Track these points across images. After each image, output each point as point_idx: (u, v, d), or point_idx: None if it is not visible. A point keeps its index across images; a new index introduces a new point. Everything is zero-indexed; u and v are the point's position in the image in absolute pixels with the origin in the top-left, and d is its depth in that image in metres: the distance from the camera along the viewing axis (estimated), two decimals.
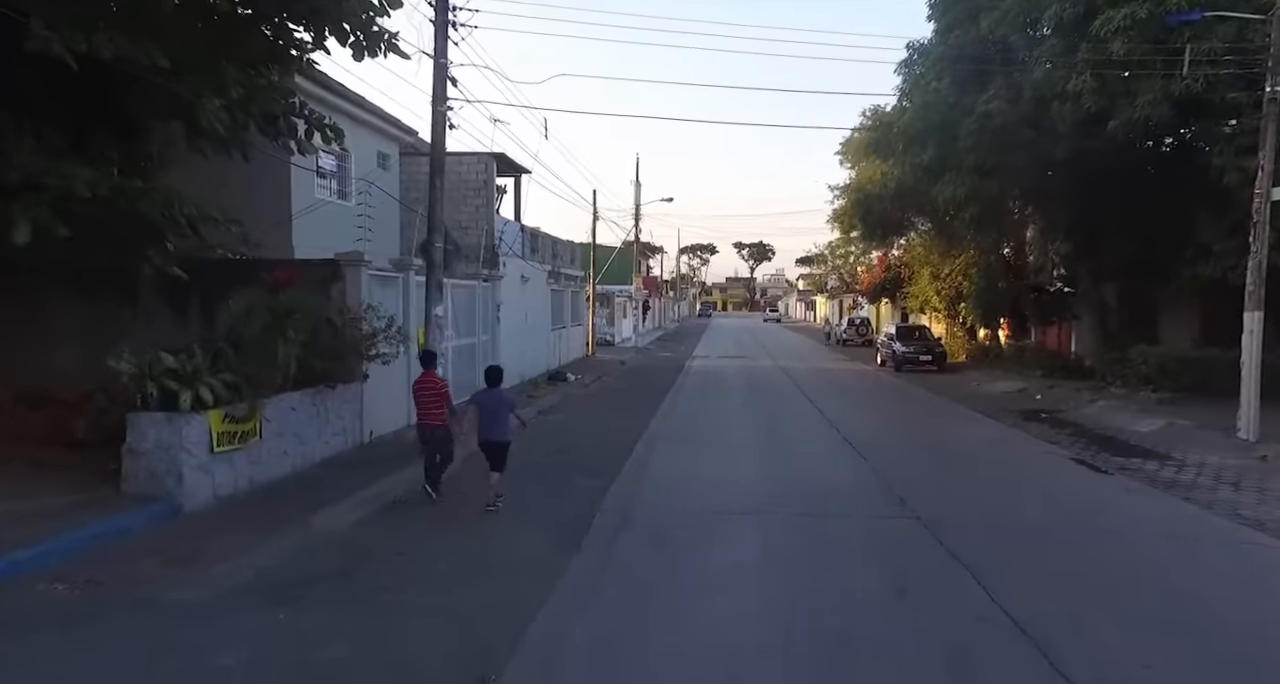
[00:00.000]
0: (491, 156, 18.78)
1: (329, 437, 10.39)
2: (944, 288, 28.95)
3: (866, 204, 22.56)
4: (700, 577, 6.47)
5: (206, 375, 7.77)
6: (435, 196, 11.28)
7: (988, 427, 14.91)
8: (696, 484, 9.90)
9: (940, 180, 17.42)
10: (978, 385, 21.81)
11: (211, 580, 6.00)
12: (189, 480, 7.62)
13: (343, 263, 11.14)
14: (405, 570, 6.52)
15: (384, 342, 10.92)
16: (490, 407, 8.53)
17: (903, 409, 18.02)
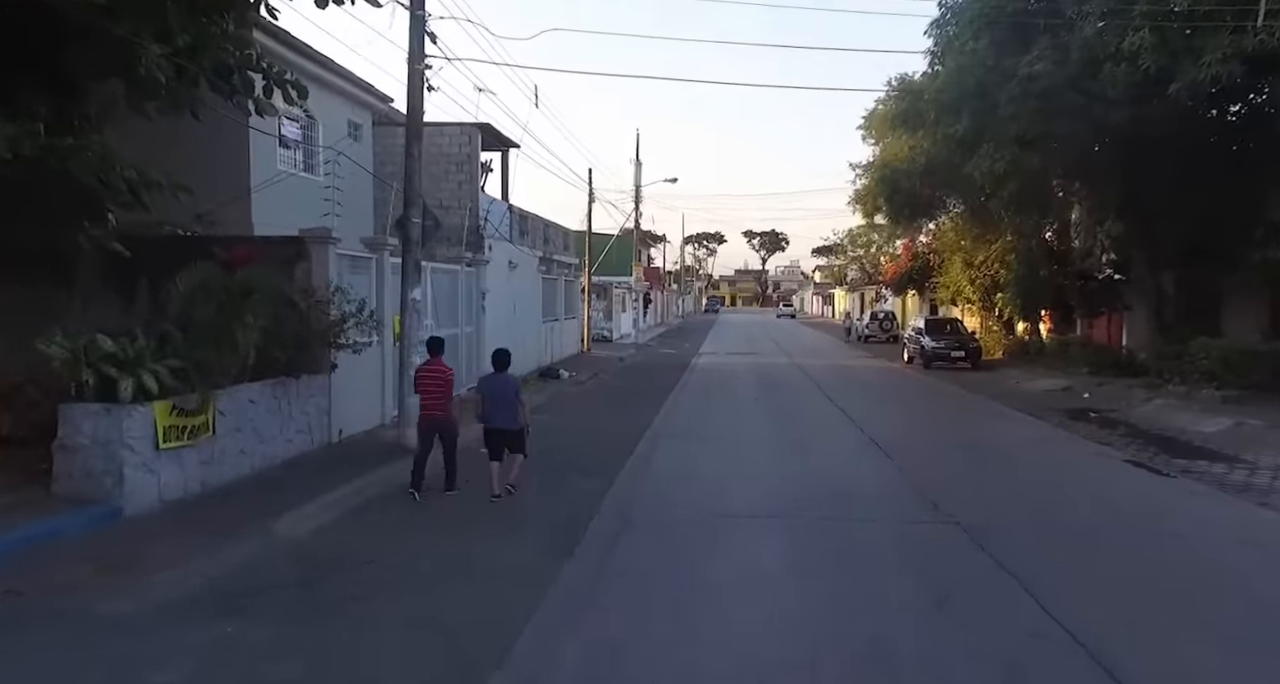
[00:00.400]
0: (476, 127, 18.55)
1: (292, 434, 10.15)
2: (978, 277, 28.66)
3: (893, 182, 22.27)
4: (711, 586, 6.23)
5: (151, 362, 7.53)
6: (413, 166, 11.04)
7: (1029, 426, 14.68)
8: (704, 485, 9.68)
9: (976, 154, 17.14)
10: (1016, 383, 21.56)
11: (151, 590, 5.76)
12: (131, 480, 7.38)
13: (308, 240, 10.91)
14: (376, 579, 6.28)
15: (355, 328, 10.68)
16: (496, 393, 8.80)
17: (933, 408, 17.80)
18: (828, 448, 12.49)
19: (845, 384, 21.56)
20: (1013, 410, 16.60)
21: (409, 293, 11.06)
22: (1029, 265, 23.50)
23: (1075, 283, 22.94)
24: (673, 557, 6.96)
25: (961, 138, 17.40)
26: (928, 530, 7.83)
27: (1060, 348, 23.67)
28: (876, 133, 30.75)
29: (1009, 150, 16.33)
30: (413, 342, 11.13)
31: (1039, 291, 23.57)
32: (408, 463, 10.34)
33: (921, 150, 21.72)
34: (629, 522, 8.01)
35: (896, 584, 6.30)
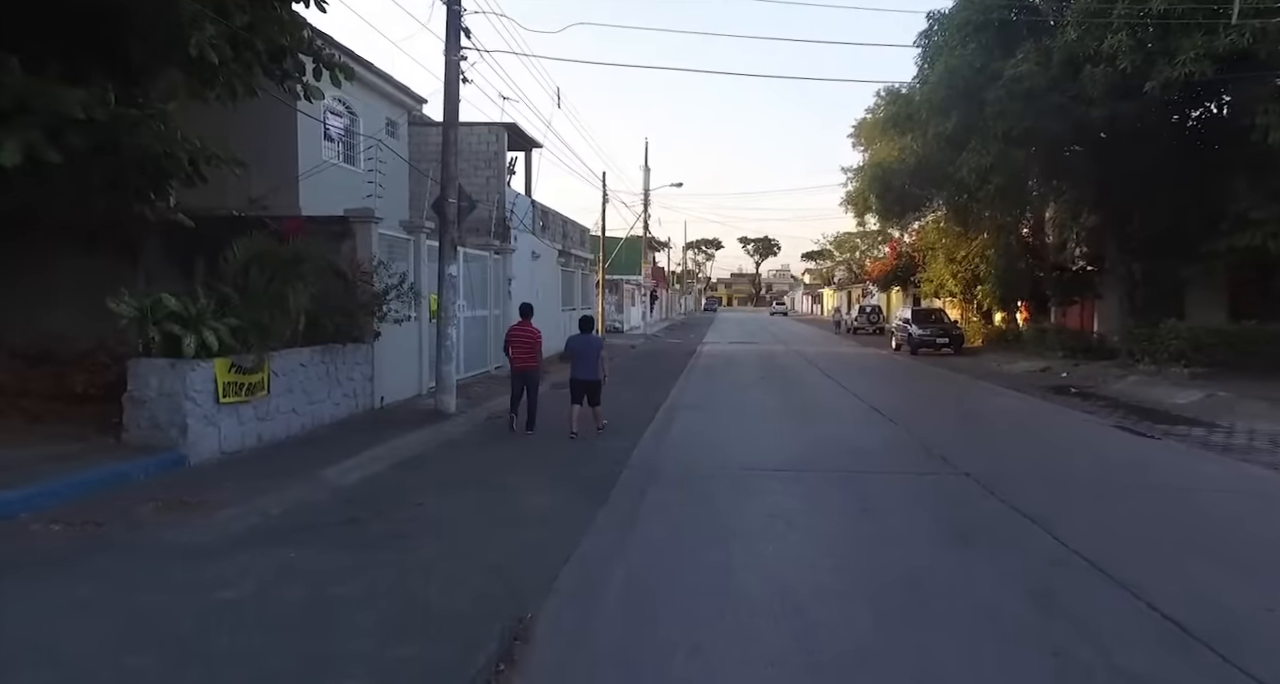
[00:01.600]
0: (503, 127, 18.31)
1: (339, 398, 9.92)
2: (959, 271, 28.34)
3: (885, 180, 21.98)
4: (739, 524, 6.00)
5: (211, 320, 7.30)
6: (449, 150, 10.80)
7: (1017, 399, 14.40)
8: (724, 444, 9.43)
9: (964, 150, 16.84)
10: (998, 365, 21.26)
11: (215, 525, 5.53)
12: (194, 431, 7.15)
13: (352, 219, 10.67)
14: (424, 519, 6.06)
15: (397, 300, 10.45)
16: (582, 349, 9.76)
17: (926, 385, 17.51)
18: (835, 416, 12.24)
19: (842, 366, 21.30)
20: (999, 387, 16.33)
21: (445, 268, 10.82)
22: (1008, 259, 23.18)
23: (1051, 274, 22.63)
24: (702, 502, 6.73)
25: (950, 136, 17.09)
26: (940, 480, 7.57)
27: (1037, 335, 23.36)
28: (866, 140, 30.50)
29: (995, 146, 16.02)
30: (450, 315, 10.90)
31: (1017, 283, 23.27)
32: (446, 425, 10.20)
33: (911, 151, 21.39)
34: (656, 474, 7.78)
35: (918, 523, 6.06)
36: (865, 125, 30.21)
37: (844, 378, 17.89)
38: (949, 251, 28.80)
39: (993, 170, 16.23)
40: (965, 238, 27.60)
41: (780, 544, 5.53)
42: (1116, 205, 17.54)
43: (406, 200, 16.50)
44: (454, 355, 11.03)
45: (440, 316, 10.93)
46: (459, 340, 14.22)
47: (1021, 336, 24.92)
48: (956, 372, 19.80)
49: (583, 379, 9.63)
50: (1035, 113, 15.00)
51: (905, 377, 19.53)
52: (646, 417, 11.67)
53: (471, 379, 14.80)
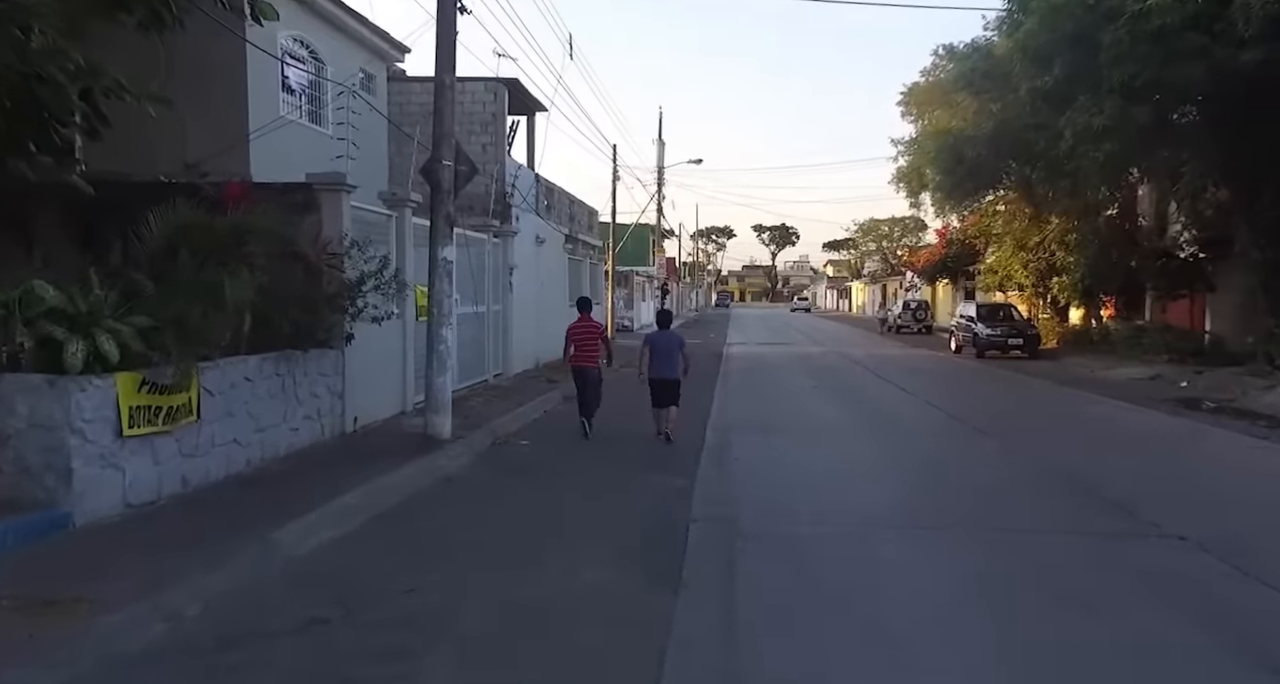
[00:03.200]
0: (503, 84, 16.60)
1: (298, 421, 8.24)
2: (1031, 260, 26.69)
3: (957, 150, 20.26)
4: (896, 630, 4.32)
5: (111, 320, 5.61)
6: (444, 99, 9.12)
7: (1146, 416, 12.72)
8: (806, 480, 7.81)
9: (1071, 107, 15.11)
10: (1091, 372, 19.62)
11: (86, 644, 3.85)
12: (82, 478, 5.47)
13: (317, 187, 8.99)
14: (420, 617, 4.39)
15: (375, 291, 8.77)
16: (663, 347, 9.76)
17: (1015, 395, 15.82)
18: (928, 437, 10.58)
19: (900, 371, 19.65)
20: (1109, 398, 14.65)
21: (439, 251, 9.14)
22: (1101, 244, 21.51)
23: (1154, 262, 20.93)
24: (820, 589, 5.06)
25: (1050, 91, 15.38)
26: (1151, 549, 5.88)
27: (1132, 334, 21.69)
28: (918, 107, 28.81)
29: (1110, 103, 14.32)
30: (444, 312, 9.22)
31: (1109, 273, 21.59)
32: (440, 457, 8.55)
33: (989, 115, 19.72)
34: (736, 530, 6.11)
35: (1206, 655, 4.37)
36: (918, 91, 28.50)
37: (914, 386, 16.25)
38: (1018, 238, 27.15)
39: (1104, 133, 14.53)
40: (1038, 222, 25.97)
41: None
42: (1250, 178, 15.84)
43: (385, 171, 14.80)
44: (449, 364, 9.34)
45: (432, 314, 9.25)
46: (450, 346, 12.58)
47: (1109, 337, 23.26)
48: (1043, 379, 18.17)
49: (664, 378, 9.63)
50: (1165, 57, 13.30)
51: (984, 384, 17.87)
52: (694, 439, 10.03)
53: (466, 391, 13.13)
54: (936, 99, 26.55)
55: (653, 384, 9.74)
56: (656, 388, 9.71)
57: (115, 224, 7.78)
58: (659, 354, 9.74)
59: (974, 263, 35.64)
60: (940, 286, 43.47)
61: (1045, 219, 25.53)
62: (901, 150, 27.94)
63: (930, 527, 6.41)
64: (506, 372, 15.71)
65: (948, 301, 42.60)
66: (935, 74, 26.77)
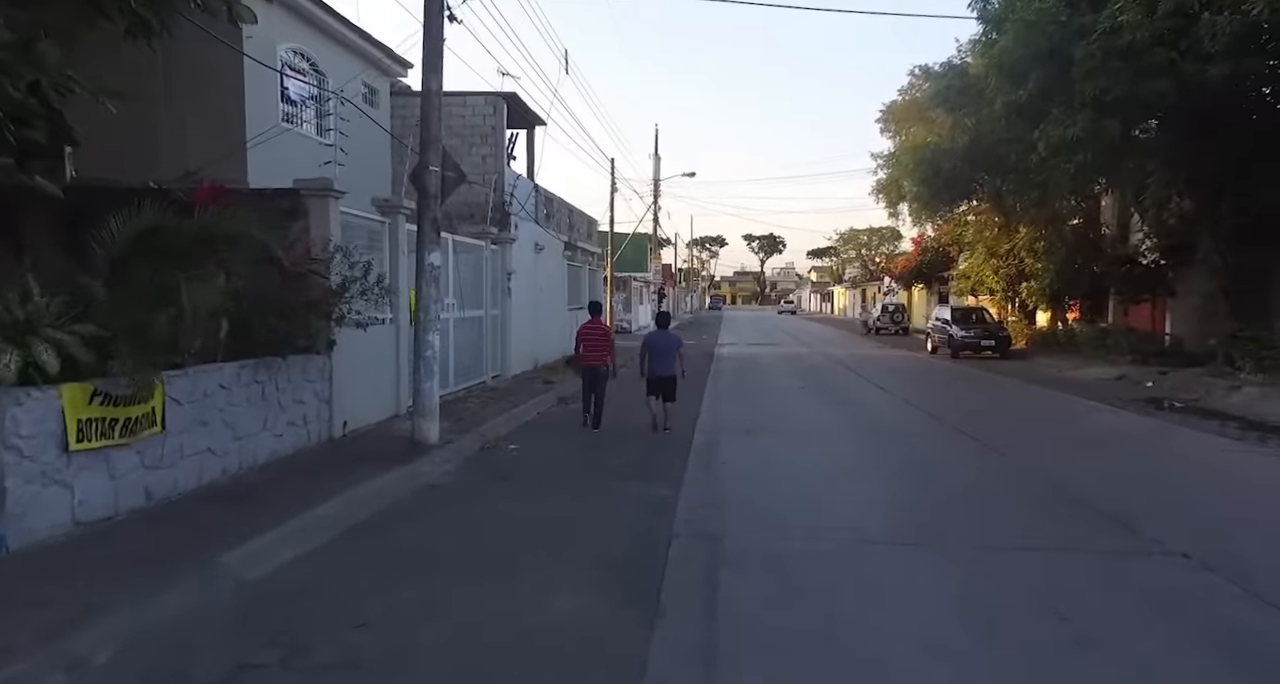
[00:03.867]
0: (501, 97, 15.78)
1: (281, 428, 7.42)
2: (1002, 266, 25.85)
3: (934, 163, 19.42)
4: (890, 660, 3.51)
5: (53, 328, 4.80)
6: (430, 104, 8.29)
7: (1119, 416, 11.88)
8: (796, 489, 6.94)
9: (1044, 121, 14.28)
10: (1059, 372, 18.78)
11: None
12: (19, 497, 4.65)
13: (304, 192, 8.17)
14: (365, 660, 3.57)
15: (361, 297, 7.95)
16: (662, 346, 9.79)
17: (992, 395, 14.97)
18: (916, 440, 9.74)
19: (883, 371, 18.80)
20: (1082, 398, 13.82)
21: (425, 256, 8.31)
22: (1068, 252, 20.67)
23: (1119, 268, 20.09)
24: (807, 614, 4.24)
25: (1025, 105, 14.54)
26: (1155, 568, 5.05)
27: (1097, 337, 20.84)
28: (896, 123, 28.04)
29: (1083, 116, 13.47)
30: (431, 317, 8.39)
31: (1075, 279, 20.75)
32: (425, 463, 7.73)
33: (965, 129, 18.89)
34: (721, 547, 5.29)
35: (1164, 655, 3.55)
36: (896, 108, 27.76)
37: (895, 386, 15.44)
38: (990, 246, 26.32)
39: (1076, 145, 13.69)
40: (1007, 231, 25.16)
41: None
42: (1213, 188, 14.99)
43: (388, 182, 14.00)
44: (436, 369, 8.52)
45: (419, 319, 8.42)
46: (447, 347, 11.77)
47: (1075, 339, 22.41)
48: (1015, 378, 17.34)
49: (661, 375, 9.70)
50: (1135, 73, 12.47)
51: (961, 384, 17.03)
52: (681, 441, 9.23)
53: (463, 393, 12.32)
54: (913, 116, 25.79)
55: (650, 381, 9.81)
56: (654, 384, 9.79)
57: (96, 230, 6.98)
58: (658, 353, 9.78)
59: (947, 269, 34.82)
60: (916, 291, 42.62)
61: (1014, 228, 24.72)
62: (881, 164, 27.21)
63: (923, 543, 5.58)
64: (505, 373, 14.89)
65: (923, 305, 41.77)
66: (912, 93, 26.02)
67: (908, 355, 24.94)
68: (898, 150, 26.04)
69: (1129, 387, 15.59)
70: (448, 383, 11.90)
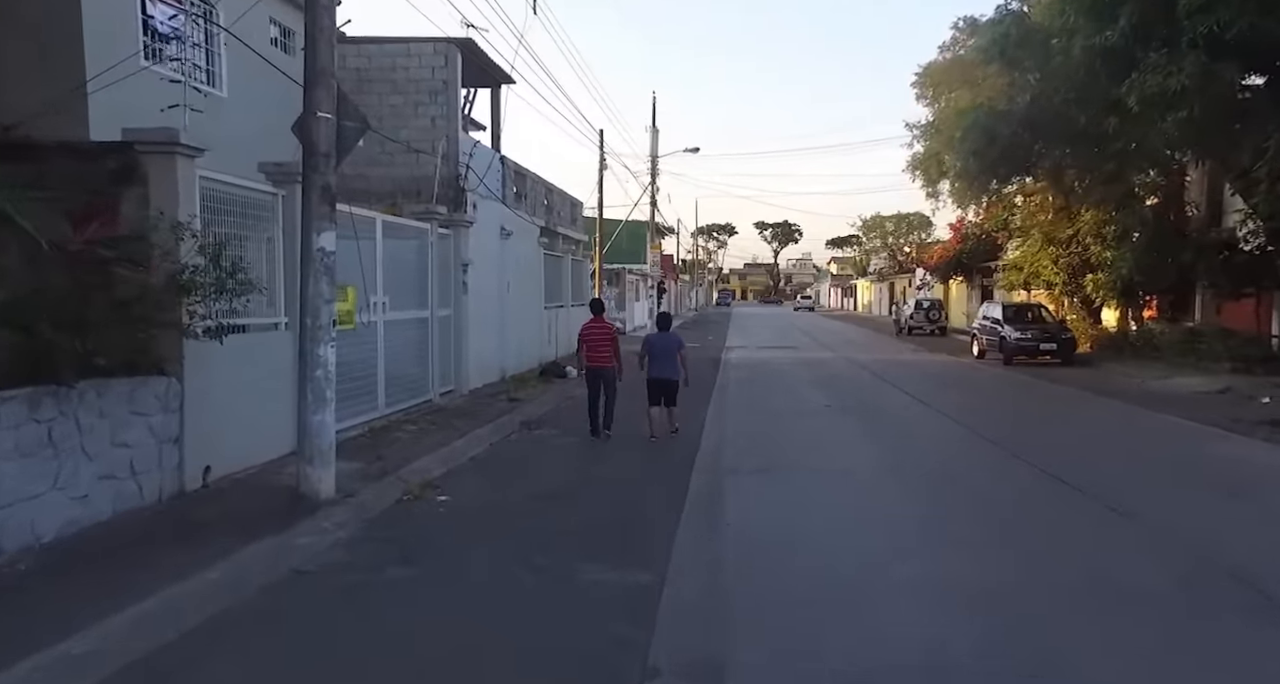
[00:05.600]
0: (455, 44, 13.96)
1: (86, 484, 5.62)
2: (1062, 255, 24.05)
3: (988, 129, 17.54)
4: None
5: None
6: (320, 22, 6.49)
7: (1249, 447, 10.08)
8: (836, 579, 5.12)
9: (1140, 68, 12.42)
10: (1142, 383, 16.97)
11: None
12: None
13: (140, 147, 6.38)
14: None
15: (215, 292, 6.15)
16: (662, 349, 10.03)
17: (1081, 420, 13.01)
18: (994, 493, 7.91)
19: (927, 384, 16.99)
20: (1187, 421, 11.99)
21: (313, 237, 6.52)
22: (1149, 237, 18.87)
23: (1215, 255, 18.27)
24: None
25: (1111, 48, 12.67)
26: None
27: (1184, 339, 19.02)
28: (934, 88, 26.25)
29: (1190, 60, 11.64)
30: (321, 322, 6.60)
31: (1161, 269, 18.94)
32: (304, 532, 5.96)
33: (1026, 86, 17.09)
34: None
35: None
36: (935, 70, 25.97)
37: (946, 405, 13.65)
38: (1047, 231, 24.52)
39: (1180, 97, 11.84)
40: (1067, 213, 23.36)
41: None
42: None
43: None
44: (330, 395, 6.71)
45: (304, 326, 6.62)
46: (374, 358, 9.99)
47: (1154, 341, 20.60)
48: (1089, 392, 15.57)
49: (662, 379, 9.92)
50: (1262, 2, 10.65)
51: (1029, 402, 15.23)
52: (673, 489, 7.44)
53: (399, 416, 10.56)
54: (956, 78, 24.00)
55: (650, 384, 9.98)
56: (654, 387, 9.96)
57: None
58: (658, 356, 10.00)
59: (992, 259, 33.03)
60: (954, 285, 40.82)
61: (1075, 211, 22.93)
62: (918, 135, 25.43)
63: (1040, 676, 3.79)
64: (460, 388, 13.13)
65: (962, 301, 40.02)
66: (955, 49, 24.22)
67: (951, 361, 23.16)
68: (938, 118, 24.23)
69: (1239, 403, 13.76)
70: (376, 405, 10.17)
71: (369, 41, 14.10)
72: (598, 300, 11.87)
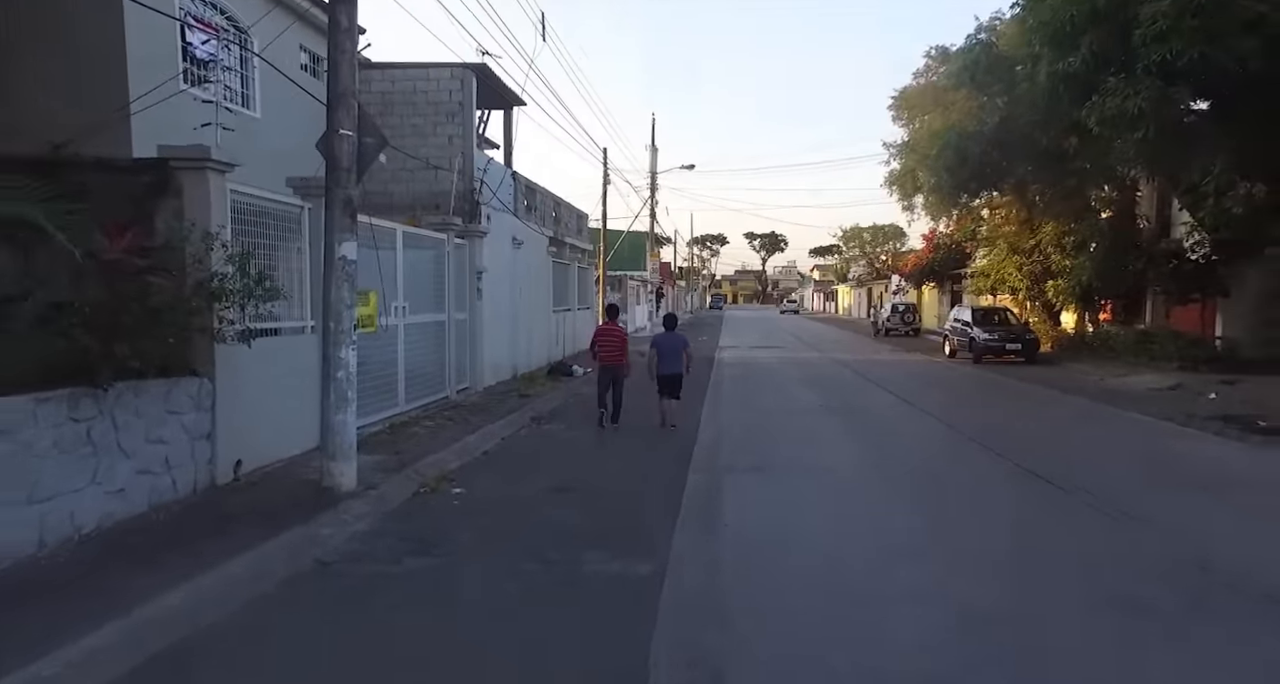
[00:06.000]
0: (470, 69, 13.76)
1: (128, 477, 5.44)
2: (1025, 263, 23.85)
3: (960, 148, 17.36)
4: None
5: None
6: (342, 42, 6.30)
7: (1203, 442, 9.89)
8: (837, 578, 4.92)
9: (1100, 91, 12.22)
10: (1101, 380, 16.77)
11: None
12: None
13: (175, 163, 6.18)
14: None
15: (244, 298, 5.96)
16: (667, 347, 10.31)
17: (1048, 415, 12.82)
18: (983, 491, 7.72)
19: (907, 382, 16.80)
20: (1145, 416, 11.82)
21: (335, 246, 6.33)
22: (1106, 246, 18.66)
23: (1165, 264, 18.06)
24: None
25: (1073, 74, 12.47)
26: None
27: (1138, 340, 18.83)
28: (909, 111, 26.00)
29: (1147, 85, 11.45)
30: (343, 327, 6.41)
31: (1117, 276, 18.73)
32: (328, 523, 5.78)
33: (994, 109, 16.89)
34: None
35: None
36: (910, 94, 25.72)
37: (926, 402, 13.45)
38: (1011, 241, 24.32)
39: (1138, 119, 11.65)
40: (1030, 225, 23.19)
41: None
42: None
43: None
44: (352, 395, 6.53)
45: (327, 330, 6.44)
46: (395, 359, 9.81)
47: (1109, 342, 20.41)
48: (1054, 389, 15.35)
49: (666, 374, 10.23)
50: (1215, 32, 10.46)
51: (1000, 398, 15.02)
52: (668, 485, 7.23)
53: (418, 412, 10.36)
54: (929, 101, 23.77)
55: (659, 380, 10.29)
56: (662, 382, 10.28)
57: None
58: (664, 354, 10.31)
59: (961, 266, 32.83)
60: (927, 290, 40.60)
61: (1036, 223, 22.76)
62: (894, 153, 25.15)
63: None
64: (475, 385, 12.93)
65: (934, 304, 39.82)
66: (928, 76, 24.00)
67: (926, 360, 22.95)
68: (912, 138, 24.01)
69: (1189, 399, 13.56)
70: (397, 402, 9.97)
71: (392, 66, 13.91)
72: (613, 306, 12.26)
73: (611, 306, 12.34)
